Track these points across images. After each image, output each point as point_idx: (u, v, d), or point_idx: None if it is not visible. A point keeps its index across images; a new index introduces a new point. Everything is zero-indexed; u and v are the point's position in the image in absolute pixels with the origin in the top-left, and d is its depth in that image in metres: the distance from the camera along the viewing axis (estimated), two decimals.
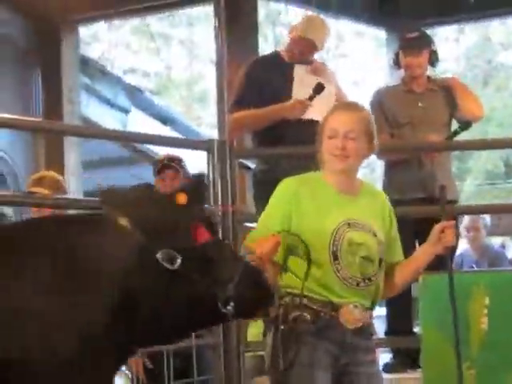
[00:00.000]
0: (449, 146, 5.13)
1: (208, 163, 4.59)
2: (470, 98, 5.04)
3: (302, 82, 4.89)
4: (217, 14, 4.99)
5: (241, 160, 5.11)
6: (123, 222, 2.27)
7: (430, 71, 5.16)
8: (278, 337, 2.90)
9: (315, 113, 4.55)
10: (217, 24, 4.89)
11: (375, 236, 2.97)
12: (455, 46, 13.76)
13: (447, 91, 4.97)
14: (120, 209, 2.30)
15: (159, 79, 16.18)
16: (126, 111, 9.51)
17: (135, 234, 2.25)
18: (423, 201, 4.75)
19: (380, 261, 2.97)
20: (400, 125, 4.92)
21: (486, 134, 11.09)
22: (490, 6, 8.85)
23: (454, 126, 5.02)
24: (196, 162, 5.23)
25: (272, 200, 3.09)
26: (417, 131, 4.89)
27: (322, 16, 6.27)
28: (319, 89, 4.66)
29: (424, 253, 3.17)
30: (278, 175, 4.49)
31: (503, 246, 9.55)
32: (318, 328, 2.86)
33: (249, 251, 2.88)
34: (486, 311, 4.18)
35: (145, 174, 5.97)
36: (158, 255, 2.21)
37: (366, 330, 2.99)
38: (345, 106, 3.31)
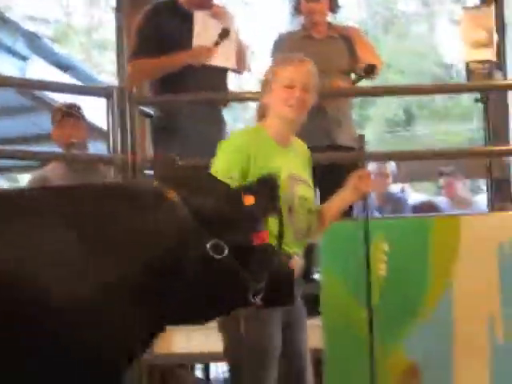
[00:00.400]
0: (351, 91, 5.28)
1: (107, 110, 4.63)
2: (368, 49, 5.17)
3: (203, 27, 4.82)
4: None
5: (141, 107, 5.11)
6: (173, 197, 2.39)
7: (330, 18, 5.21)
8: None
9: (220, 58, 4.62)
10: None
11: (310, 188, 3.15)
12: None
13: (347, 40, 5.05)
14: (175, 186, 2.43)
15: (59, 26, 15.89)
16: (24, 58, 9.40)
17: (183, 211, 2.37)
18: (328, 148, 4.86)
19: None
20: None
21: (386, 81, 11.30)
22: None
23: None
24: (95, 111, 5.28)
25: (225, 159, 3.07)
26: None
27: None
28: (225, 34, 4.68)
29: (341, 200, 3.28)
30: (178, 122, 4.87)
31: (403, 191, 9.87)
32: None
33: None
34: (385, 258, 4.34)
35: (45, 123, 5.91)
36: (208, 244, 2.35)
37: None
38: (300, 58, 3.28)
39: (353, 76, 5.11)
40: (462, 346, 4.36)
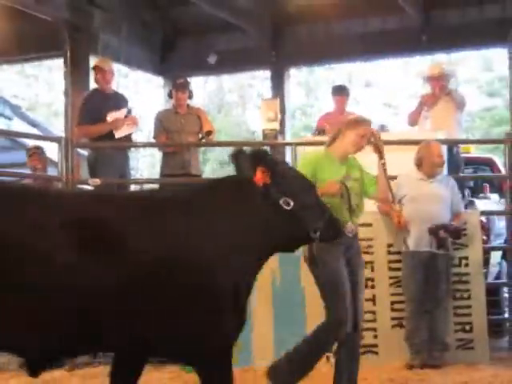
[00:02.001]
0: (198, 144, 7.99)
1: (58, 150, 6.44)
2: (208, 121, 7.63)
3: (115, 114, 7.22)
4: (65, 64, 7.90)
5: (78, 149, 7.19)
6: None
7: (189, 101, 7.66)
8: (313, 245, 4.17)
9: (125, 128, 7.18)
10: (66, 70, 7.80)
11: (355, 180, 4.51)
12: (203, 88, 18.10)
13: (197, 115, 7.60)
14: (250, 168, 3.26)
15: (31, 101, 22.88)
16: (10, 119, 12.91)
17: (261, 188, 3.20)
18: (182, 175, 7.19)
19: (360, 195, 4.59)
20: (171, 131, 7.54)
21: (218, 138, 13.82)
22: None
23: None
24: (51, 150, 7.64)
25: (301, 168, 4.31)
26: (180, 136, 7.47)
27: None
28: (129, 112, 7.26)
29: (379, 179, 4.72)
30: (103, 158, 7.15)
31: None
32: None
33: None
34: None
35: (21, 156, 8.55)
36: (281, 200, 3.19)
37: (356, 236, 4.57)
38: (365, 120, 4.68)
39: (200, 136, 7.56)
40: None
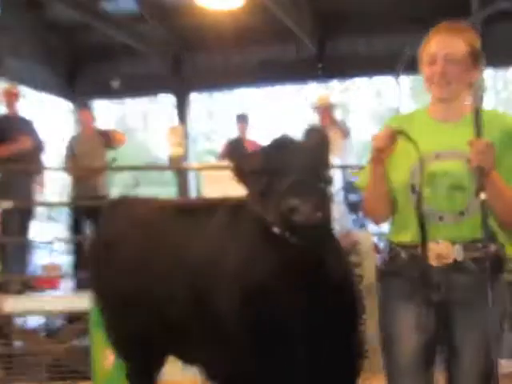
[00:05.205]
0: (104, 168, 8.43)
1: None
2: (117, 133, 8.28)
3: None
4: None
5: None
6: None
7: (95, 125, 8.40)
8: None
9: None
10: None
11: (463, 161, 2.52)
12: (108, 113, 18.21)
13: (105, 134, 8.20)
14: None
15: None
16: None
17: None
18: (93, 198, 7.74)
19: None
20: (80, 155, 8.07)
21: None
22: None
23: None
24: None
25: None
26: (89, 159, 8.13)
27: None
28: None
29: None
30: (10, 180, 7.45)
31: None
32: (396, 266, 2.67)
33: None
34: None
35: None
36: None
37: (463, 266, 2.54)
38: (441, 27, 2.71)
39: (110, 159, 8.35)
40: None
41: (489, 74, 11.71)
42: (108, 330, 4.01)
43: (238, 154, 2.68)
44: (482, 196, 2.46)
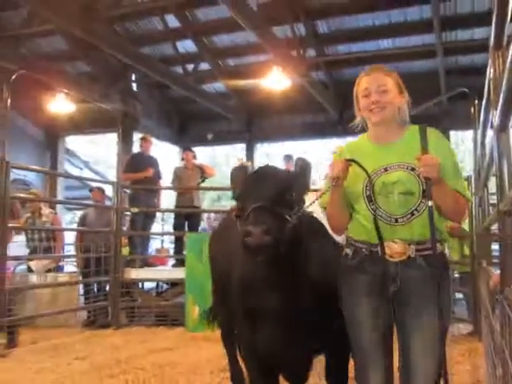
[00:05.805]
0: (198, 188, 8.15)
1: (112, 190, 6.95)
2: (208, 168, 8.08)
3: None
4: (118, 136, 8.60)
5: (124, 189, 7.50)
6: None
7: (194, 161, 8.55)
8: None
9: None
10: (118, 140, 8.49)
11: (413, 170, 2.17)
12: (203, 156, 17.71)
13: (200, 168, 8.04)
14: None
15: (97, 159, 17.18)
16: (81, 169, 13.47)
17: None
18: (188, 207, 7.75)
19: (424, 191, 2.14)
20: (182, 179, 7.91)
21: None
22: None
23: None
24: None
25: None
26: (188, 182, 7.88)
27: None
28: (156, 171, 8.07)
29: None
30: (137, 195, 7.57)
31: None
32: (357, 262, 2.23)
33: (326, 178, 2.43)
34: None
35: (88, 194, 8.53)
36: None
37: (415, 262, 2.13)
38: (370, 68, 2.33)
39: (200, 180, 8.08)
40: None
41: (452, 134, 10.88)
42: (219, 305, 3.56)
43: (236, 180, 2.26)
44: (430, 203, 2.12)
